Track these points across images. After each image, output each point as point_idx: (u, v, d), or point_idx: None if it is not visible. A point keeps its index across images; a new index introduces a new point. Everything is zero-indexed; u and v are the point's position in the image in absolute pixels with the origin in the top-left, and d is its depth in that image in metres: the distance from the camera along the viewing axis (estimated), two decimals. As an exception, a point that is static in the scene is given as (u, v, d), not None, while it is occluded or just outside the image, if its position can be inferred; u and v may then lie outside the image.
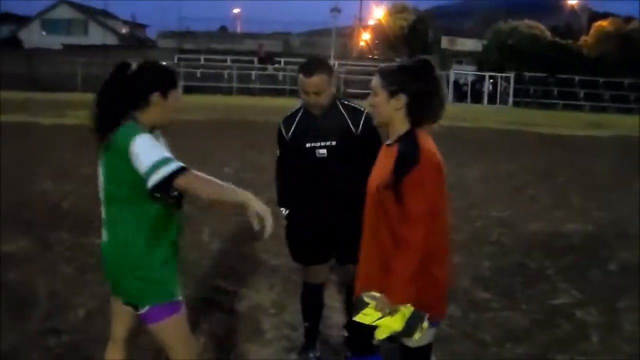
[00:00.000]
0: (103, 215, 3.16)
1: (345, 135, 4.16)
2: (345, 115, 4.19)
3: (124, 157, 2.94)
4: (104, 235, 3.18)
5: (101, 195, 3.13)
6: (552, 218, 9.25)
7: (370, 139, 4.09)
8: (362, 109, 4.20)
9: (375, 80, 3.24)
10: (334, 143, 4.15)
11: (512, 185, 11.87)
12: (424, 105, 3.14)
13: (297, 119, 4.28)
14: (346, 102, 4.27)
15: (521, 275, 6.58)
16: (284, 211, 4.42)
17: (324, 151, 4.17)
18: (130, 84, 3.10)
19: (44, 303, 5.34)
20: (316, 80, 4.03)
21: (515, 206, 9.92)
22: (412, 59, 3.27)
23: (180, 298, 3.22)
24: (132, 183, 2.97)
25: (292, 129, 4.27)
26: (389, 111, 3.18)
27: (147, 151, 2.92)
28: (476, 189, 11.22)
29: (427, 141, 3.14)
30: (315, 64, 4.11)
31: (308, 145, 4.18)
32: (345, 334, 4.34)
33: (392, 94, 3.14)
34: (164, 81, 3.15)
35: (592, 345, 5.02)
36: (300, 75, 4.08)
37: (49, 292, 5.56)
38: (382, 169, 3.16)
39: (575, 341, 5.06)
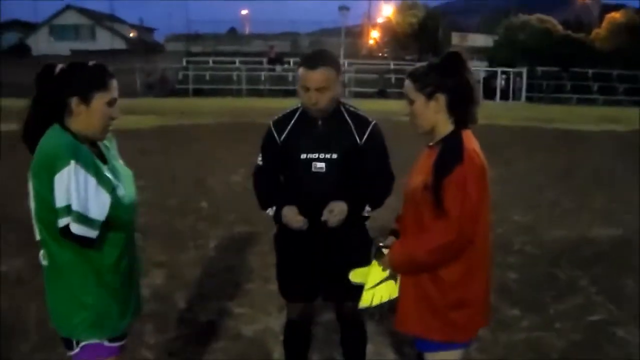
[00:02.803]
0: (37, 235, 2.75)
1: (349, 148, 3.49)
2: (351, 123, 3.54)
3: (45, 177, 2.56)
4: (44, 257, 2.76)
5: (32, 212, 2.72)
6: (576, 222, 8.76)
7: (374, 153, 3.55)
8: (370, 119, 3.59)
9: (408, 86, 2.95)
10: (335, 156, 3.47)
11: (531, 186, 11.35)
12: (464, 102, 2.89)
13: (291, 123, 3.57)
14: (352, 109, 3.61)
15: (551, 287, 6.10)
16: (271, 211, 3.53)
17: (322, 165, 3.47)
18: (52, 89, 2.69)
19: (33, 332, 4.89)
20: (321, 73, 3.37)
21: (537, 210, 9.42)
22: (440, 55, 2.98)
23: (121, 342, 2.86)
24: (51, 201, 2.57)
25: (285, 134, 3.56)
26: (430, 116, 2.91)
27: (61, 189, 2.54)
28: (494, 191, 10.62)
29: (472, 142, 2.88)
30: (320, 56, 3.50)
31: (303, 156, 3.48)
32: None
33: (430, 96, 2.88)
34: (84, 83, 2.69)
35: (637, 369, 4.56)
36: (302, 68, 3.42)
37: (39, 320, 5.12)
38: (422, 171, 2.90)
39: (618, 366, 4.60)
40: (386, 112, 16.83)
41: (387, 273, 3.00)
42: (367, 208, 3.54)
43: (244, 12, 75.10)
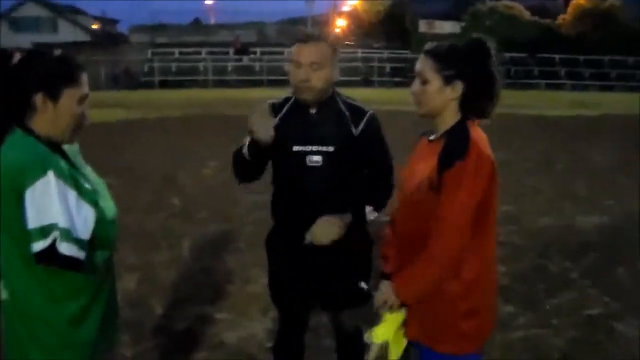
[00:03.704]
0: None
1: (346, 140, 3.15)
2: (347, 113, 3.19)
3: (11, 194, 2.16)
4: (2, 291, 2.33)
5: None
6: (561, 211, 8.57)
7: (370, 144, 3.20)
8: (367, 110, 3.24)
9: (425, 64, 2.60)
10: (331, 149, 3.12)
11: (510, 175, 11.08)
12: (480, 96, 2.59)
13: (283, 112, 3.23)
14: (348, 100, 3.28)
15: (543, 281, 5.87)
16: (244, 147, 3.04)
17: (317, 158, 3.12)
18: (8, 82, 2.24)
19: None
20: (315, 47, 3.05)
21: (520, 199, 9.17)
22: (464, 40, 2.64)
23: None
24: (19, 223, 2.16)
25: (276, 121, 3.13)
26: (442, 102, 2.59)
27: (35, 207, 2.13)
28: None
29: (480, 136, 2.55)
30: (315, 33, 3.18)
31: (296, 148, 3.13)
32: None
33: (448, 80, 2.55)
34: (51, 77, 2.26)
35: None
36: (296, 45, 3.09)
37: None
38: (426, 166, 2.56)
39: (622, 364, 4.37)
40: (367, 102, 16.56)
41: (402, 314, 2.66)
42: (370, 209, 3.13)
43: (209, 2, 74.04)
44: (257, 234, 7.18)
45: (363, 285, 3.23)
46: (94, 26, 61.95)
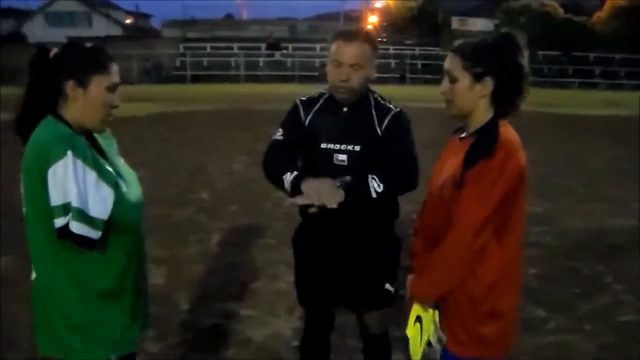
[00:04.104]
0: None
1: (371, 139, 3.09)
2: (374, 112, 3.13)
3: (36, 173, 2.25)
4: (33, 272, 2.45)
5: (24, 219, 2.41)
6: (592, 212, 8.42)
7: (391, 140, 3.08)
8: (394, 108, 3.16)
9: (454, 62, 2.53)
10: (357, 148, 3.06)
11: (539, 174, 10.89)
12: (511, 92, 2.51)
13: (316, 107, 3.19)
14: (381, 99, 3.21)
15: (575, 284, 5.76)
16: (290, 176, 2.92)
17: (344, 157, 3.06)
18: (46, 74, 2.35)
19: (23, 340, 4.50)
20: (358, 48, 2.98)
21: (549, 199, 9.01)
22: (491, 35, 2.59)
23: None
24: (44, 203, 2.26)
25: (310, 116, 3.17)
26: (473, 99, 2.52)
27: (56, 185, 2.23)
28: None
29: (511, 137, 2.46)
30: (358, 30, 3.11)
31: (324, 145, 3.09)
32: None
33: (477, 77, 2.48)
34: (80, 65, 2.35)
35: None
36: (336, 42, 3.02)
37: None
38: (452, 165, 2.52)
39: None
40: (397, 99, 16.47)
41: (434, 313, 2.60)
42: (374, 178, 2.89)
43: (241, -3, 74.31)
44: (286, 229, 7.14)
45: (389, 287, 3.19)
46: (128, 21, 62.58)
